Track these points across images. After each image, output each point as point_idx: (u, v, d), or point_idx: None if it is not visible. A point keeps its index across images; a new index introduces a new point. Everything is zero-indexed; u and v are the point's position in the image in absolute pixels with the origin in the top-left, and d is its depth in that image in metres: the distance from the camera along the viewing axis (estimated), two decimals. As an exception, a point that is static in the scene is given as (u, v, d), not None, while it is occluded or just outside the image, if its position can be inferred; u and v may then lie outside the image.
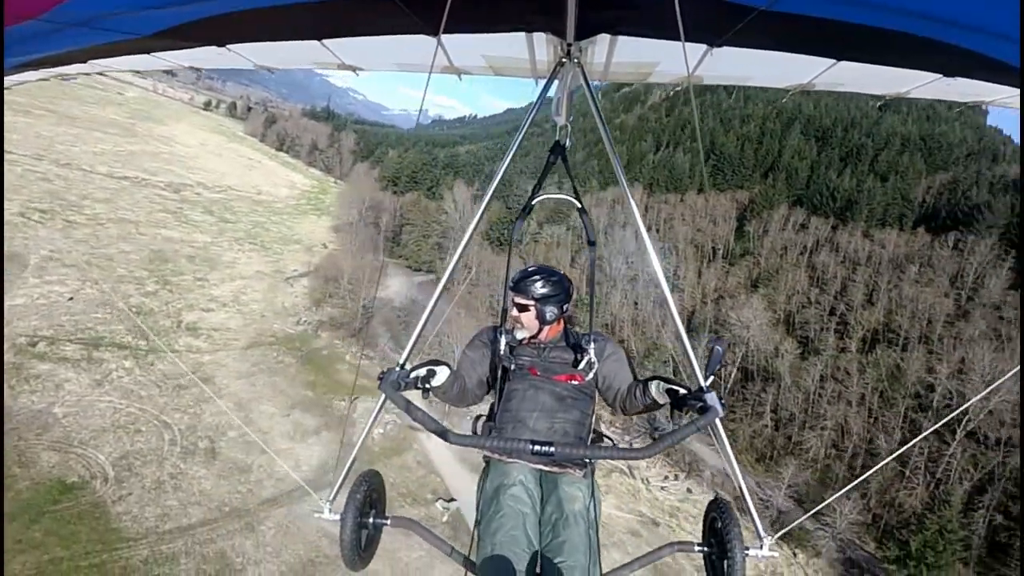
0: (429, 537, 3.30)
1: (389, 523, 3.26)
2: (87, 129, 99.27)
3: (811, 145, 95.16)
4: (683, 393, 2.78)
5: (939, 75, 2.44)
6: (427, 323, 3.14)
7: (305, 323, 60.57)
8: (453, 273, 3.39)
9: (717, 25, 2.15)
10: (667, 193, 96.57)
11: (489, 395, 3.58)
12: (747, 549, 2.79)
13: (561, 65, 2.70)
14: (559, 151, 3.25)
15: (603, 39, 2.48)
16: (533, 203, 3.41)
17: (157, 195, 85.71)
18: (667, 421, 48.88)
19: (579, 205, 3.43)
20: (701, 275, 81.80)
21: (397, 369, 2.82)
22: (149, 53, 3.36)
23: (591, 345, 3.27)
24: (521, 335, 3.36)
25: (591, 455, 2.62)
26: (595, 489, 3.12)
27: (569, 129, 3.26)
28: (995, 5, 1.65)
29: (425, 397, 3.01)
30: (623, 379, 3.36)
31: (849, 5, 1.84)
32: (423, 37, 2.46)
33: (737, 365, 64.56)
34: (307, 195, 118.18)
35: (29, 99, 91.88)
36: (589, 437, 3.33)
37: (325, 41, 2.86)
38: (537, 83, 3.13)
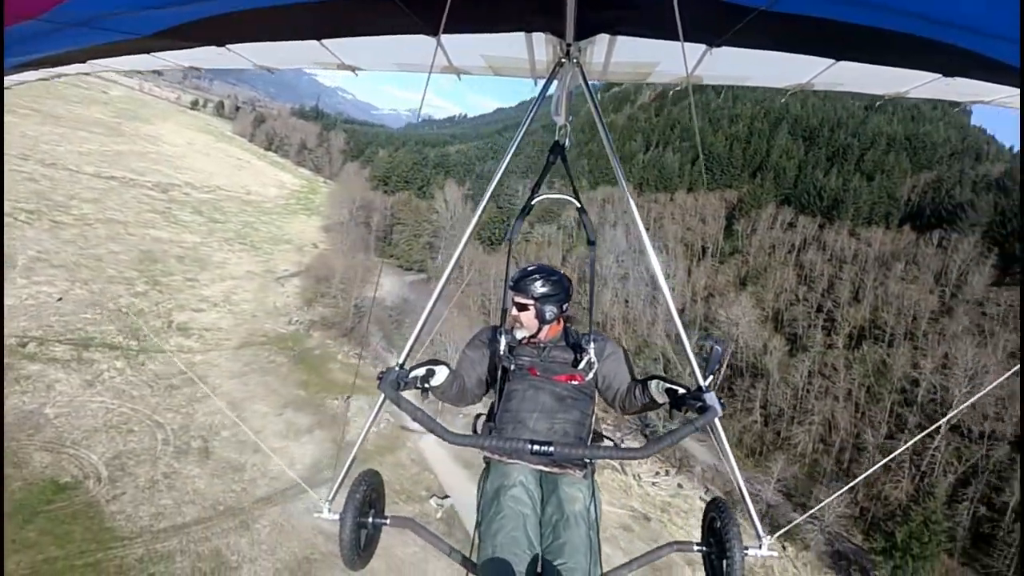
0: (428, 537, 3.28)
1: (388, 523, 3.23)
2: (72, 129, 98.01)
3: (798, 145, 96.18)
4: (682, 392, 2.78)
5: (938, 75, 2.44)
6: (426, 323, 3.09)
7: (297, 323, 60.47)
8: (450, 273, 3.33)
9: (716, 25, 2.15)
10: (657, 192, 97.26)
11: (488, 395, 3.58)
12: (746, 549, 2.78)
13: (560, 65, 2.68)
14: (559, 151, 3.21)
15: (602, 39, 2.47)
16: (532, 202, 3.35)
17: (145, 195, 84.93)
18: (658, 418, 49.45)
19: (578, 205, 3.41)
20: (691, 273, 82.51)
21: (396, 369, 2.82)
22: (149, 53, 3.35)
23: (591, 345, 3.25)
24: (521, 334, 3.35)
25: (590, 455, 2.66)
26: (595, 490, 3.12)
27: (568, 129, 3.23)
28: (994, 6, 1.66)
29: (424, 397, 3.01)
30: (623, 379, 3.36)
31: (848, 5, 1.85)
32: (423, 37, 2.46)
33: (727, 362, 65.30)
34: (296, 195, 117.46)
35: (13, 98, 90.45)
36: (589, 437, 3.32)
37: (325, 41, 2.87)
38: (536, 83, 3.11)
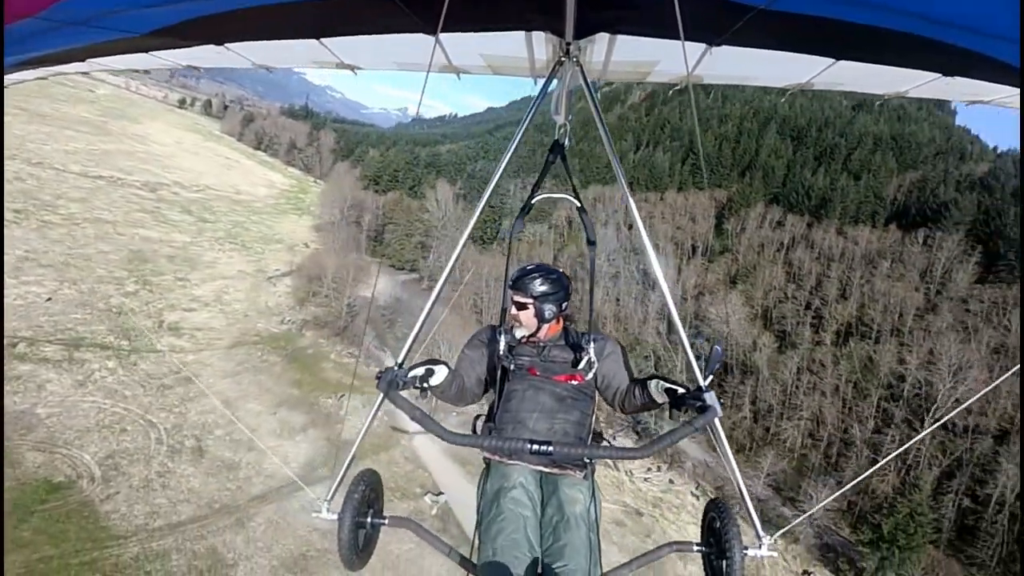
0: (428, 537, 3.27)
1: (387, 523, 3.21)
2: (58, 127, 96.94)
3: (787, 144, 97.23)
4: (682, 393, 2.77)
5: (938, 74, 2.45)
6: (424, 323, 3.08)
7: (289, 322, 60.38)
8: (448, 274, 3.26)
9: (716, 24, 2.17)
10: (647, 192, 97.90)
11: (488, 394, 3.57)
12: (746, 549, 2.77)
13: (560, 64, 2.68)
14: (558, 150, 3.23)
15: (602, 38, 2.48)
16: (533, 202, 3.37)
17: (134, 195, 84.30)
18: (649, 415, 49.93)
19: (578, 204, 3.42)
20: (681, 272, 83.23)
21: (395, 368, 2.81)
22: (147, 52, 3.35)
23: (591, 345, 3.24)
24: (520, 333, 3.35)
25: (589, 454, 2.69)
26: (595, 491, 3.12)
27: (568, 128, 3.21)
28: (994, 6, 1.67)
29: (424, 396, 3.01)
30: (622, 378, 3.34)
31: (848, 5, 1.86)
32: (422, 36, 2.46)
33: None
34: (287, 194, 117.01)
35: None
36: (589, 437, 3.30)
37: (324, 40, 2.87)
38: (536, 82, 3.11)
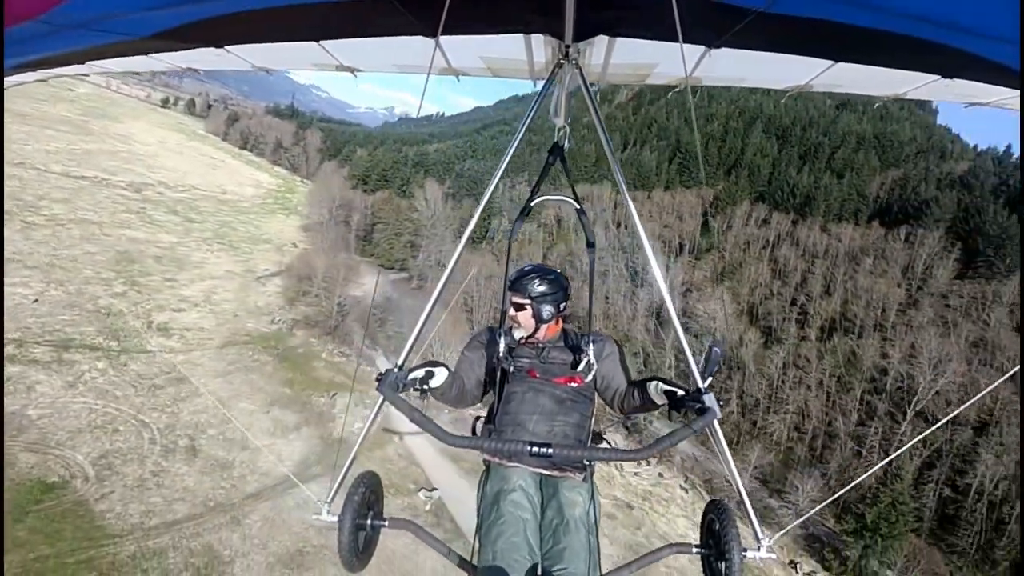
0: (427, 538, 3.25)
1: (387, 524, 3.17)
2: (39, 127, 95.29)
3: (772, 143, 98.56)
4: (681, 394, 2.77)
5: (937, 76, 2.46)
6: (424, 325, 3.04)
7: (279, 322, 60.21)
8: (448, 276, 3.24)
9: (715, 27, 2.18)
10: (635, 191, 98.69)
11: (488, 396, 3.55)
12: (745, 551, 2.75)
13: (559, 67, 2.69)
14: (558, 152, 3.22)
15: (601, 40, 2.48)
16: (532, 203, 3.35)
17: (118, 195, 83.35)
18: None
19: (577, 206, 3.41)
20: (668, 269, 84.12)
21: (395, 370, 2.79)
22: (147, 54, 3.37)
23: (590, 347, 3.23)
24: (519, 334, 3.38)
25: (589, 456, 2.71)
26: (595, 493, 3.12)
27: (568, 130, 3.23)
28: (994, 8, 1.67)
29: (423, 398, 3.00)
30: (621, 379, 3.34)
31: (846, 7, 1.86)
32: (421, 38, 2.48)
33: (704, 355, 67.02)
34: (274, 194, 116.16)
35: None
36: (588, 439, 3.30)
37: (323, 42, 2.88)
38: (536, 84, 3.15)
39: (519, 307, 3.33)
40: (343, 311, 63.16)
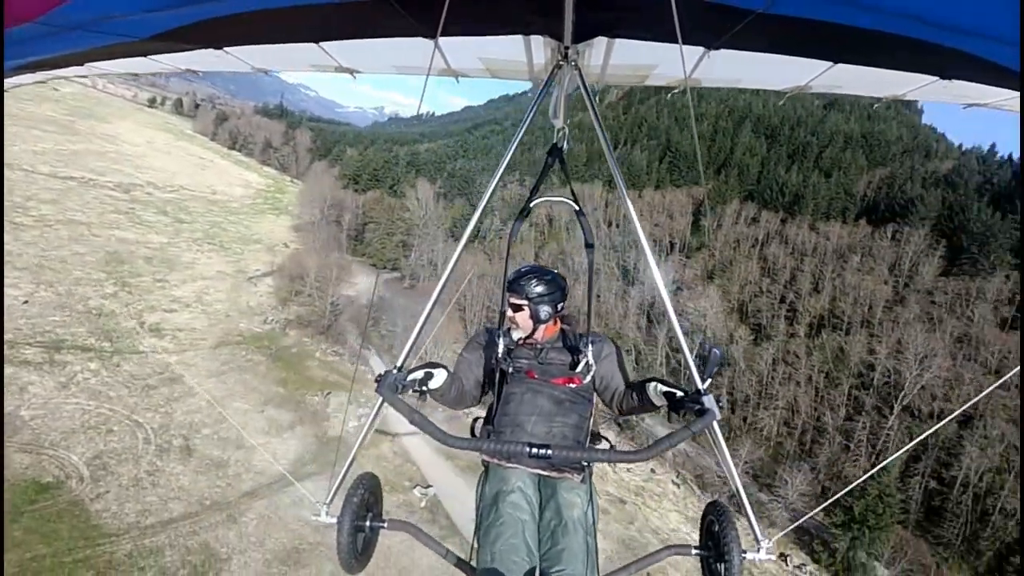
0: (426, 540, 3.25)
1: (386, 526, 3.16)
2: (25, 127, 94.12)
3: (761, 143, 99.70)
4: (680, 396, 2.76)
5: (936, 77, 2.46)
6: (424, 326, 3.04)
7: (272, 322, 60.13)
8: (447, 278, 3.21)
9: (715, 28, 2.17)
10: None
11: (487, 397, 3.55)
12: (744, 552, 2.73)
13: (559, 68, 2.68)
14: (557, 153, 3.19)
15: (600, 42, 2.47)
16: (532, 204, 3.29)
17: (107, 196, 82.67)
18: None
19: (577, 207, 3.36)
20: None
21: (395, 372, 2.79)
22: (146, 56, 3.36)
23: (589, 347, 3.25)
24: (517, 335, 3.39)
25: (588, 457, 2.73)
26: (593, 494, 3.11)
27: (567, 132, 3.19)
28: (993, 9, 1.67)
29: (422, 400, 2.99)
30: (620, 380, 3.34)
31: (846, 8, 1.86)
32: (421, 40, 2.48)
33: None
34: (263, 194, 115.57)
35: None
36: (587, 440, 3.30)
37: (323, 44, 2.87)
38: (535, 85, 3.13)
39: (517, 308, 3.33)
40: (336, 311, 63.19)
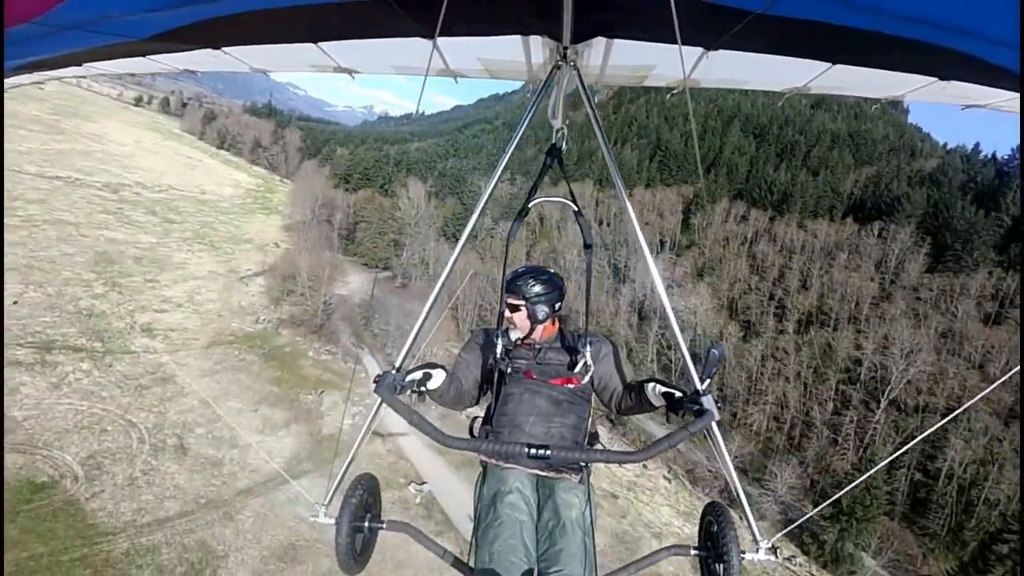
0: (424, 540, 3.25)
1: (385, 527, 3.17)
2: (9, 127, 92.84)
3: (750, 142, 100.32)
4: (679, 396, 2.75)
5: (935, 79, 2.46)
6: (422, 327, 3.05)
7: (265, 321, 60.09)
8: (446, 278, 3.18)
9: (713, 28, 2.17)
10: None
11: (485, 397, 3.54)
12: (743, 553, 2.73)
13: (557, 68, 2.66)
14: (555, 154, 3.15)
15: (599, 42, 2.47)
16: (530, 205, 3.26)
17: (95, 195, 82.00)
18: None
19: (575, 208, 3.33)
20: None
21: (393, 372, 2.77)
22: (145, 56, 3.36)
23: (587, 348, 3.26)
24: (515, 335, 3.38)
25: (587, 458, 2.72)
26: (591, 494, 3.11)
27: (565, 132, 3.16)
28: (993, 10, 1.67)
29: (421, 400, 2.99)
30: (618, 380, 3.33)
31: (845, 9, 1.85)
32: (419, 40, 2.47)
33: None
34: (253, 194, 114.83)
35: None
36: (585, 441, 3.29)
37: (321, 44, 2.87)
38: (534, 86, 3.13)
39: (514, 308, 3.33)
40: (328, 310, 63.18)
